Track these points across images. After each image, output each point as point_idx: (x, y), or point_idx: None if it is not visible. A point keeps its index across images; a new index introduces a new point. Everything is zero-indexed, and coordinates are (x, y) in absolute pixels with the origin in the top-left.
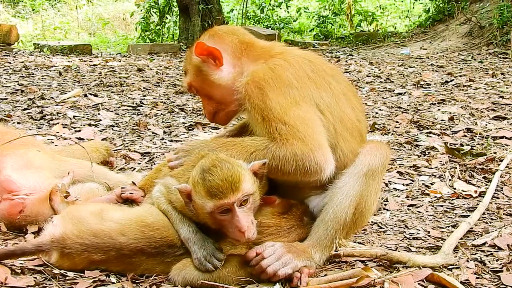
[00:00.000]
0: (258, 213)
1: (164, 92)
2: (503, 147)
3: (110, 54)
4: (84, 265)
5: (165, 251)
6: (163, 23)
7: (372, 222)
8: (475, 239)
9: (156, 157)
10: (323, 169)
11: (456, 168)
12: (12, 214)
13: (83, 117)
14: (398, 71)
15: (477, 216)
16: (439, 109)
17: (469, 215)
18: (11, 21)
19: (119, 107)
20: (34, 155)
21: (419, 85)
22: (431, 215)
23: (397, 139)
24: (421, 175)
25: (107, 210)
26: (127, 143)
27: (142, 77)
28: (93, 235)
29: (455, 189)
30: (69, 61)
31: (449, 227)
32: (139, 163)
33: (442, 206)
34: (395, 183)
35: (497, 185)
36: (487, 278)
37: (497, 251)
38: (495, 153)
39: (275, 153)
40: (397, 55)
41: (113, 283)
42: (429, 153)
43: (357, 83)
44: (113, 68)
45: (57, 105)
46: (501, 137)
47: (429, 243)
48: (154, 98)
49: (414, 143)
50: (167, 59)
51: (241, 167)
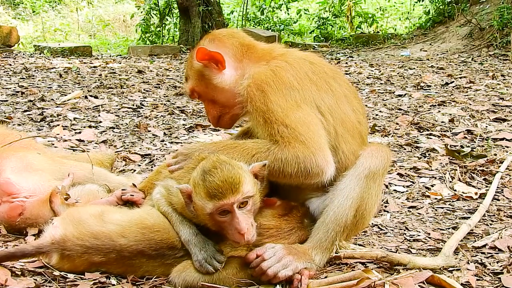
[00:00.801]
0: (258, 215)
1: (164, 94)
2: (503, 148)
3: (110, 56)
4: (84, 267)
5: (166, 253)
6: (164, 25)
7: (372, 224)
8: (475, 241)
9: (156, 159)
10: (324, 172)
11: (456, 170)
12: (12, 216)
13: (83, 119)
14: (398, 73)
15: (477, 218)
16: (439, 111)
17: (469, 217)
18: (12, 23)
19: (119, 109)
20: (34, 157)
21: (419, 87)
22: (431, 217)
23: (397, 141)
24: (421, 177)
25: (108, 212)
26: (127, 145)
27: (142, 79)
28: (93, 237)
29: (455, 191)
30: (69, 63)
31: (449, 229)
32: (139, 165)
33: (442, 208)
34: (396, 185)
35: (498, 187)
36: (487, 280)
37: (497, 253)
38: (495, 154)
39: (277, 156)
40: (397, 57)
41: (113, 285)
42: (429, 155)
43: (357, 84)
44: (113, 70)
45: (57, 107)
46: (501, 139)
47: (430, 245)
48: (154, 100)
49: (414, 145)
50: (167, 61)
51: (241, 168)
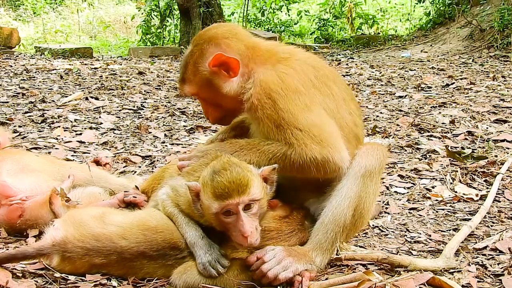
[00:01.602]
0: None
1: (165, 95)
2: (504, 150)
3: (111, 57)
4: (85, 269)
5: (167, 254)
6: (164, 26)
7: (373, 225)
8: (476, 243)
9: (157, 161)
10: (341, 167)
11: (457, 171)
12: (11, 219)
13: (84, 120)
14: (398, 74)
15: (478, 219)
16: (440, 112)
17: (470, 219)
18: (12, 24)
19: (120, 110)
20: (30, 159)
21: (420, 88)
22: (432, 219)
23: (398, 142)
24: (422, 179)
25: (109, 213)
26: (128, 146)
27: (143, 80)
28: (94, 238)
29: (456, 192)
30: (70, 64)
31: (450, 230)
32: (140, 166)
33: (443, 209)
34: (396, 187)
35: (498, 189)
36: (488, 282)
37: (498, 255)
38: (496, 156)
39: (294, 159)
40: (397, 58)
41: (114, 286)
42: (430, 156)
43: (358, 86)
44: (114, 71)
45: (58, 108)
46: (502, 140)
47: (430, 247)
48: (155, 101)
49: (415, 146)
50: (168, 62)
51: (251, 172)
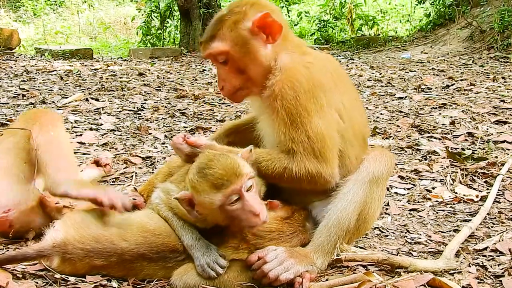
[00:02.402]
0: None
1: (165, 96)
2: (505, 151)
3: (111, 58)
4: (85, 270)
5: (167, 256)
6: (164, 28)
7: (373, 226)
8: (476, 244)
9: (157, 162)
10: (330, 183)
11: (457, 172)
12: (3, 230)
13: (84, 121)
14: (399, 75)
15: (478, 220)
16: (440, 113)
17: (470, 220)
18: (13, 25)
19: (120, 112)
20: None
21: (420, 89)
22: (432, 220)
23: (398, 144)
24: (422, 180)
25: (109, 215)
26: (128, 148)
27: (143, 81)
28: (94, 240)
29: (456, 193)
30: (70, 66)
31: (450, 231)
32: (141, 168)
33: (443, 210)
34: (396, 188)
35: (499, 190)
36: (488, 283)
37: (498, 256)
38: (496, 157)
39: (292, 170)
40: (398, 59)
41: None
42: (430, 157)
43: (358, 87)
44: (114, 72)
45: (58, 109)
46: (503, 141)
47: (431, 248)
48: (155, 102)
49: (415, 148)
50: (168, 63)
51: (234, 155)
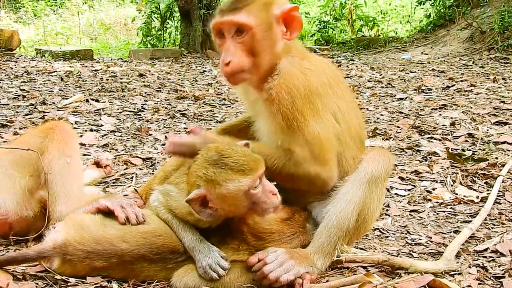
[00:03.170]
0: (260, 219)
1: (165, 97)
2: (505, 152)
3: (111, 59)
4: (85, 272)
5: (167, 257)
6: (165, 29)
7: (373, 227)
8: (477, 245)
9: (157, 163)
10: (328, 185)
11: (457, 173)
12: (4, 232)
13: (85, 122)
14: (399, 76)
15: (479, 221)
16: (441, 114)
17: (470, 221)
18: (13, 26)
19: (120, 113)
20: None
21: (420, 90)
22: (432, 221)
23: (399, 144)
24: (422, 181)
25: (109, 216)
26: (129, 149)
27: (143, 82)
28: (95, 241)
29: (456, 194)
30: (70, 67)
31: (450, 232)
32: (141, 169)
33: (443, 211)
34: (397, 189)
35: (499, 191)
36: (489, 284)
37: (499, 257)
38: (496, 158)
39: (290, 169)
40: (398, 60)
41: None
42: (430, 158)
43: (358, 88)
44: (114, 73)
45: (58, 110)
46: (503, 142)
47: (431, 249)
48: (155, 103)
49: (415, 148)
50: (169, 64)
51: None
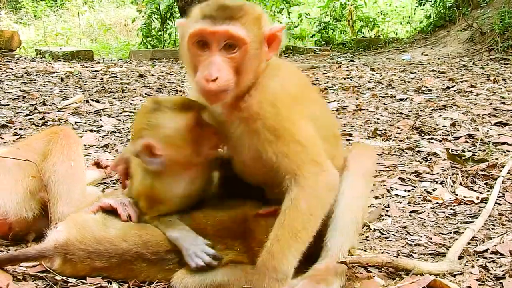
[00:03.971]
0: (262, 227)
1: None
2: (505, 153)
3: (111, 60)
4: (86, 272)
5: (164, 258)
6: (165, 29)
7: (374, 228)
8: (477, 246)
9: None
10: (337, 182)
11: (458, 174)
12: (3, 232)
13: (85, 123)
14: (399, 77)
15: (480, 222)
16: (441, 115)
17: (471, 222)
18: (13, 27)
19: (120, 113)
20: None
21: (420, 91)
22: (433, 222)
23: (399, 145)
24: (422, 181)
25: (110, 217)
26: None
27: (143, 83)
28: (96, 241)
29: (457, 195)
30: (70, 67)
31: (451, 233)
32: None
33: (444, 212)
34: (397, 189)
35: (499, 192)
36: (489, 285)
37: (499, 258)
38: (496, 159)
39: (305, 196)
40: (398, 61)
41: None
42: (430, 159)
43: (359, 89)
44: (114, 74)
45: (58, 111)
46: (503, 143)
47: (431, 250)
48: None
49: (415, 149)
50: (169, 65)
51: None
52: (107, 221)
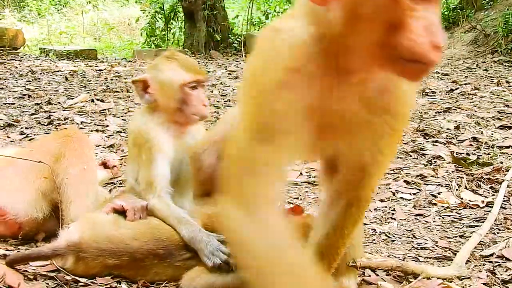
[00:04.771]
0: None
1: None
2: (509, 156)
3: (115, 59)
4: (97, 270)
5: (173, 253)
6: (169, 29)
7: (380, 232)
8: (483, 250)
9: None
10: None
11: (462, 177)
12: (13, 232)
13: (91, 122)
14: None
15: (487, 227)
16: (445, 118)
17: (476, 226)
18: (17, 25)
19: (125, 113)
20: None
21: (424, 93)
22: (438, 225)
23: (403, 148)
24: (427, 185)
25: (122, 217)
26: None
27: None
28: (108, 240)
29: (462, 199)
30: (75, 66)
31: (456, 237)
32: None
33: (449, 216)
34: (402, 192)
35: (504, 196)
36: None
37: (505, 262)
38: (501, 162)
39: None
40: None
41: None
42: (435, 162)
43: None
44: (118, 73)
45: (64, 110)
46: (507, 147)
47: (437, 253)
48: None
49: (420, 152)
50: None
51: None
52: (119, 221)
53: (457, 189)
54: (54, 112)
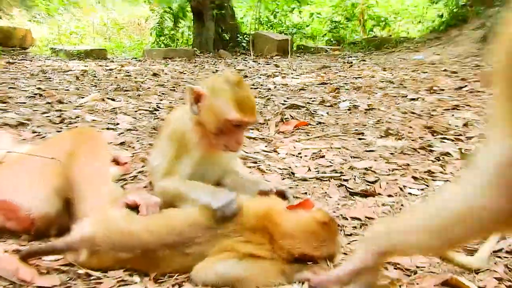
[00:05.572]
0: (296, 220)
1: (180, 96)
2: None
3: (125, 58)
4: (110, 263)
5: (184, 242)
6: (177, 29)
7: None
8: None
9: None
10: None
11: None
12: (26, 228)
13: (101, 121)
14: (411, 77)
15: None
16: (453, 115)
17: None
18: (27, 25)
19: (136, 111)
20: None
21: (432, 91)
22: None
23: (411, 145)
24: (436, 180)
25: (135, 212)
26: (145, 147)
27: (157, 81)
28: (121, 233)
29: None
30: (85, 66)
31: None
32: None
33: None
34: (410, 188)
35: None
36: (506, 285)
37: None
38: None
39: None
40: (410, 61)
41: (136, 283)
42: (443, 158)
43: (370, 88)
44: (128, 72)
45: (75, 109)
46: None
47: None
48: (170, 102)
49: (428, 149)
50: (182, 64)
51: None
52: (132, 216)
53: None
54: (65, 110)
